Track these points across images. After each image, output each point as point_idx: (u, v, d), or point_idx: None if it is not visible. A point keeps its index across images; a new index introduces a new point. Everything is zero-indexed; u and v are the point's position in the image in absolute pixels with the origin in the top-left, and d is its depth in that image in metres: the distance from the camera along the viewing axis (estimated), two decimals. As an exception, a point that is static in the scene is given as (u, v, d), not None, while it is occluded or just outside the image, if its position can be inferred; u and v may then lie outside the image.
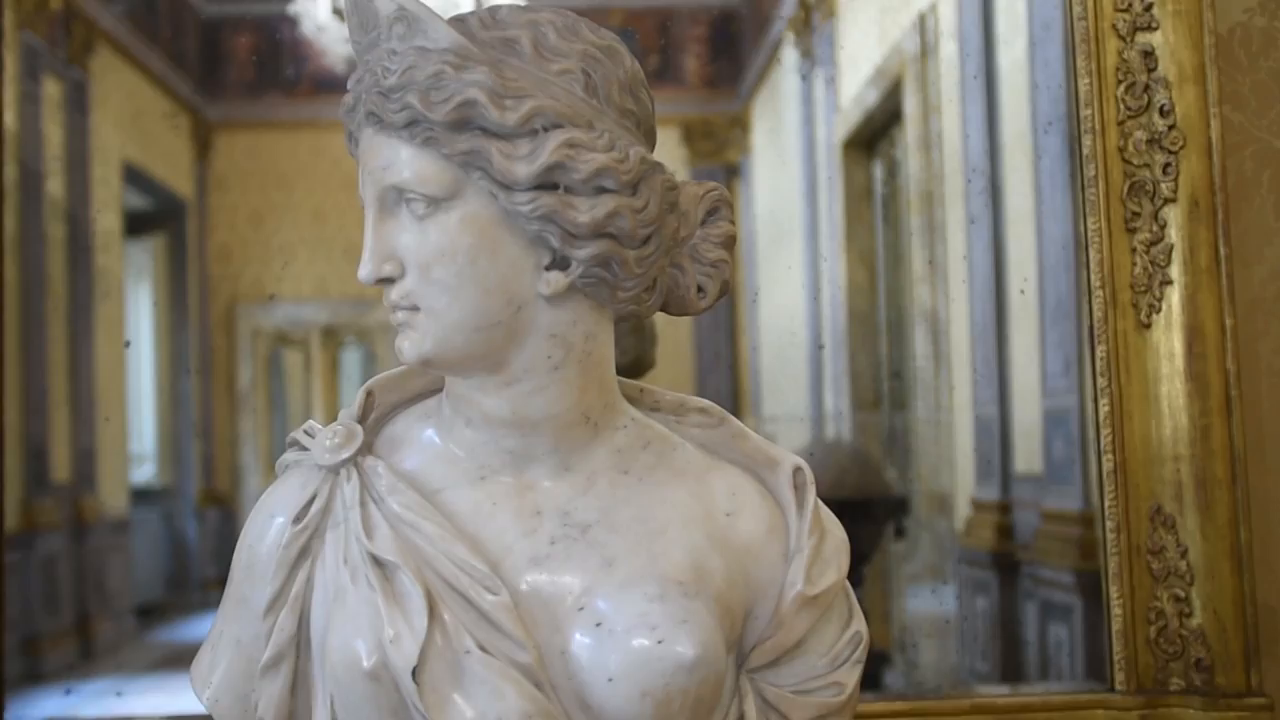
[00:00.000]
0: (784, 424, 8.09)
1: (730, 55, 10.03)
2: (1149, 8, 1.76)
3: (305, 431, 1.26)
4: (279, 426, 10.15)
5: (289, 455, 1.27)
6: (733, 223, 1.26)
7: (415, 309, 1.13)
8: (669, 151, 9.60)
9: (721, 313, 7.72)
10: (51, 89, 6.69)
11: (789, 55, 8.11)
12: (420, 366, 1.17)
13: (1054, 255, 4.43)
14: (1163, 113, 1.73)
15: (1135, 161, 1.76)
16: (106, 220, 7.56)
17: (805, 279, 7.69)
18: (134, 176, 7.98)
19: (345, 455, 1.20)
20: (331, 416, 1.32)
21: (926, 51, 5.74)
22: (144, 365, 8.83)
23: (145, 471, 8.80)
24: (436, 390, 1.27)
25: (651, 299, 1.19)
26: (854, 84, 6.64)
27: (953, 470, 5.73)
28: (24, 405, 6.47)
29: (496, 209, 1.10)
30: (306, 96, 9.73)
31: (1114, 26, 1.77)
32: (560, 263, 1.12)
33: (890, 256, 6.71)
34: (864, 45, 6.49)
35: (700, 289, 1.23)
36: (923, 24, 5.74)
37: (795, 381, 8.09)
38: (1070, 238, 1.86)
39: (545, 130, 1.08)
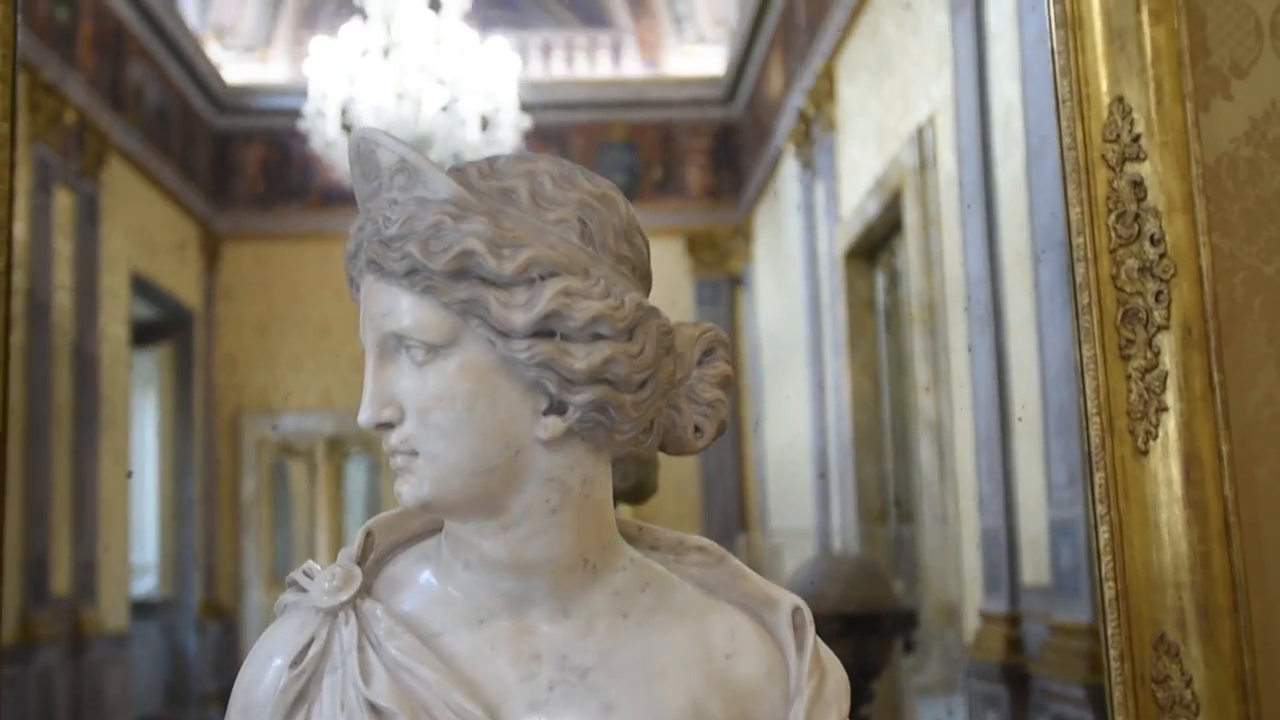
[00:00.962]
0: (790, 537, 8.04)
1: (732, 167, 10.20)
2: (1136, 139, 1.80)
3: (304, 572, 1.26)
4: (282, 538, 10.10)
5: (287, 596, 1.27)
6: (728, 363, 1.27)
7: (414, 454, 1.14)
8: (673, 261, 9.69)
9: (726, 426, 7.76)
10: (63, 201, 6.78)
11: (790, 167, 8.23)
12: (419, 510, 1.17)
13: (1055, 369, 4.45)
14: (1153, 241, 1.76)
15: (1128, 289, 1.78)
16: (114, 330, 7.62)
17: (809, 389, 7.71)
18: (142, 287, 8.07)
19: (344, 598, 1.20)
20: (335, 529, 1.32)
21: (925, 164, 5.82)
22: (147, 475, 8.82)
23: (146, 583, 8.74)
24: (436, 530, 1.27)
25: (649, 440, 1.20)
26: (854, 195, 6.72)
27: (960, 581, 5.67)
28: (26, 516, 6.45)
29: (494, 355, 1.12)
30: (315, 208, 9.87)
31: (1103, 157, 1.81)
32: (558, 407, 1.13)
33: (894, 367, 6.73)
34: (863, 158, 6.59)
35: (697, 429, 1.24)
36: (920, 138, 5.82)
37: (801, 494, 8.06)
38: (1073, 336, 1.88)
39: (542, 279, 1.10)
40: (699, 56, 9.96)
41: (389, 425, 1.16)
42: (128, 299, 7.80)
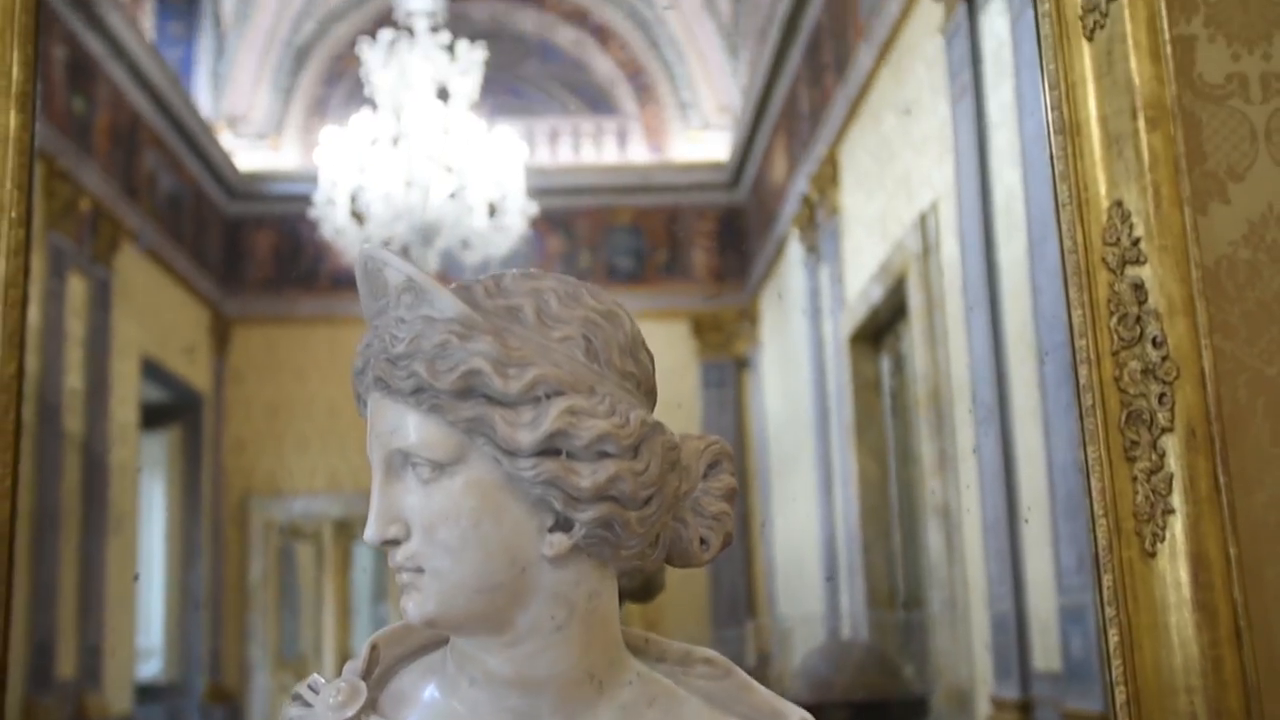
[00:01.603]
0: (799, 623, 7.97)
1: (737, 250, 10.28)
2: (1136, 243, 1.82)
3: (309, 687, 1.26)
4: (288, 621, 10.01)
5: (292, 711, 1.27)
6: (733, 475, 1.28)
7: (420, 570, 1.15)
8: (679, 344, 9.72)
9: (735, 513, 7.74)
10: (76, 286, 6.84)
11: (794, 251, 8.29)
12: (424, 627, 1.18)
13: (1062, 455, 4.44)
14: (1155, 344, 1.77)
15: (1131, 391, 1.78)
16: (123, 414, 7.63)
17: (816, 472, 7.69)
18: (152, 371, 8.10)
19: (349, 713, 1.20)
20: (342, 612, 1.32)
21: (928, 250, 5.86)
22: (154, 558, 8.78)
23: (151, 667, 8.65)
24: (441, 643, 1.27)
25: (655, 554, 1.20)
26: (859, 280, 6.76)
27: (971, 667, 5.61)
28: (31, 601, 6.42)
29: (500, 473, 1.13)
30: (324, 292, 9.94)
31: (1104, 260, 1.83)
32: (563, 524, 1.14)
33: (900, 450, 6.72)
34: (867, 243, 6.64)
35: (703, 541, 1.24)
36: (923, 224, 5.87)
37: (809, 579, 8.00)
38: (1078, 435, 1.88)
39: (548, 397, 1.12)
40: (704, 142, 10.09)
41: (395, 542, 1.17)
42: (138, 383, 7.83)
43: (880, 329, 6.80)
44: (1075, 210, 1.83)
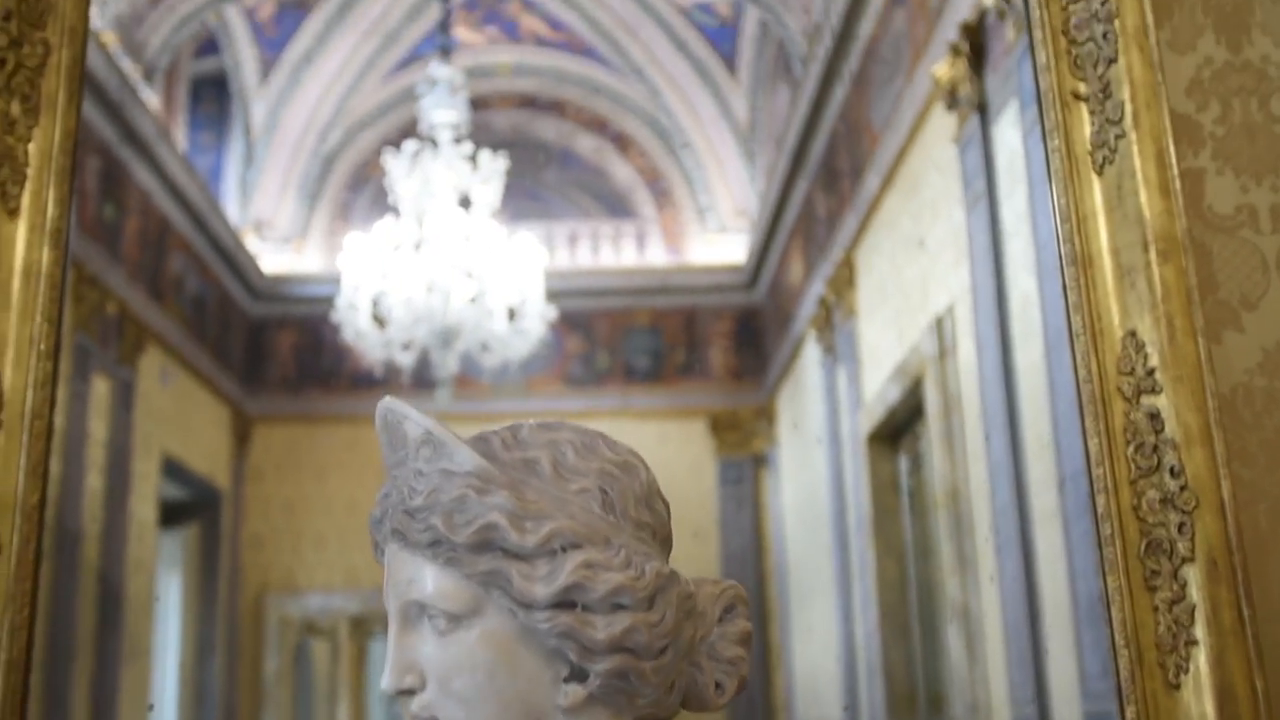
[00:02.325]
0: (817, 730, 7.84)
1: (754, 350, 10.33)
2: (1151, 372, 1.83)
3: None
4: (304, 718, 9.91)
5: None
6: (748, 619, 1.28)
7: (435, 720, 1.15)
8: (697, 443, 9.72)
9: (751, 618, 7.68)
10: (100, 387, 6.90)
11: (811, 351, 8.32)
12: None
13: (1083, 557, 4.40)
14: (1173, 473, 1.77)
15: (1150, 520, 1.78)
16: (143, 511, 7.64)
17: (834, 571, 7.62)
18: (173, 468, 8.13)
19: None
20: (357, 709, 1.32)
21: (945, 352, 5.87)
22: (169, 656, 8.72)
23: (165, 768, 8.57)
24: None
25: (670, 700, 1.20)
26: (876, 380, 6.77)
27: (994, 778, 5.50)
28: (45, 701, 6.37)
29: (515, 625, 1.13)
30: (344, 391, 10.01)
31: (1119, 389, 1.83)
32: (578, 675, 1.14)
33: (919, 549, 6.66)
34: (883, 343, 6.66)
35: (719, 686, 1.24)
36: (939, 326, 5.89)
37: (829, 682, 7.88)
38: (1097, 539, 1.87)
39: (563, 550, 1.13)
40: (721, 245, 10.20)
41: (410, 692, 1.17)
42: (158, 481, 7.86)
43: (898, 429, 6.78)
44: (1089, 340, 1.84)
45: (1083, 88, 1.91)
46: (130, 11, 7.37)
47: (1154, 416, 1.82)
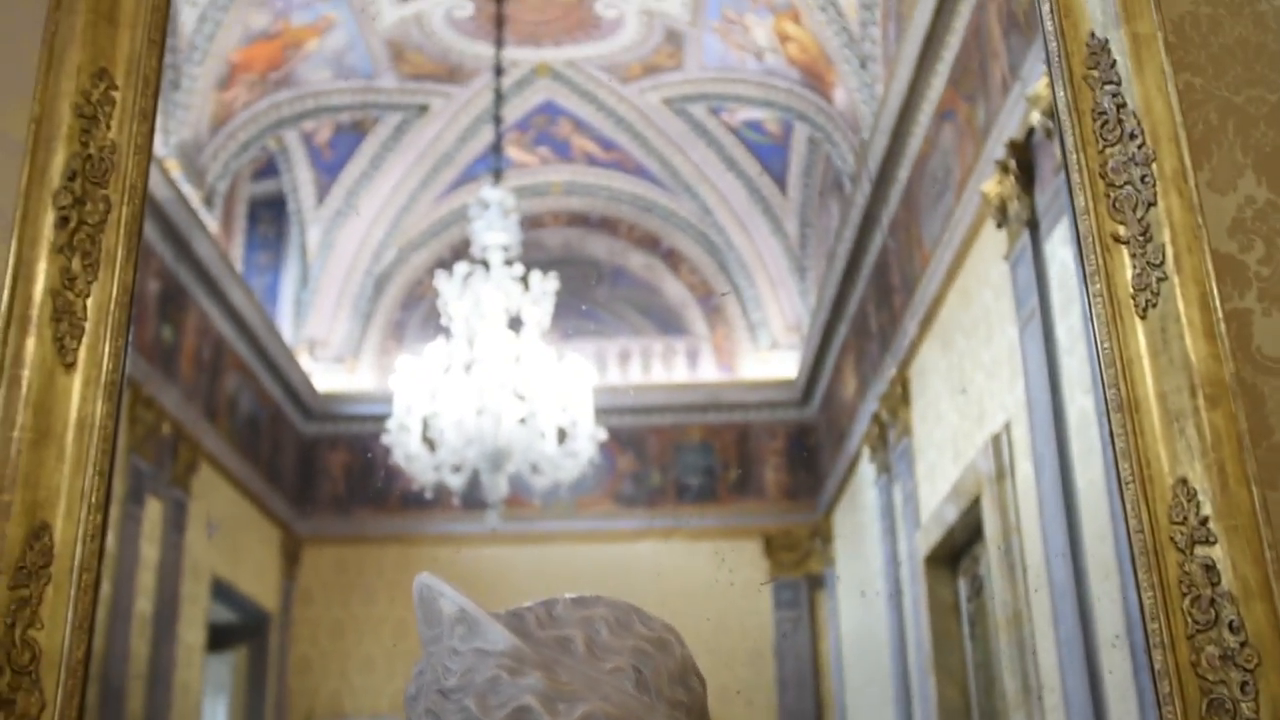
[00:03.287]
0: None
1: (808, 468, 10.24)
2: (1204, 522, 1.78)
3: None
4: None
5: None
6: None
7: None
8: (751, 563, 9.60)
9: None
10: (152, 509, 6.94)
11: (866, 470, 8.23)
12: None
13: (1153, 693, 4.25)
14: (1232, 629, 1.71)
15: (1211, 678, 1.72)
16: (191, 636, 7.61)
17: (894, 697, 7.42)
18: (222, 590, 8.12)
19: None
20: None
21: (1002, 472, 5.78)
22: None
23: None
24: None
25: None
26: (932, 500, 6.67)
27: None
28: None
29: (547, 808, 1.12)
30: (394, 512, 10.02)
31: (1172, 539, 1.79)
32: None
33: (981, 676, 6.48)
34: (940, 462, 6.58)
35: None
36: (996, 445, 5.81)
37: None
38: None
39: (597, 732, 1.11)
40: (773, 362, 10.19)
41: None
42: (207, 604, 7.85)
43: (957, 551, 6.66)
44: (1139, 489, 1.80)
45: (1123, 230, 1.90)
46: (193, 139, 7.61)
47: (1209, 568, 1.76)
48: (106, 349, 1.94)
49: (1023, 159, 5.18)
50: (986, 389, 5.96)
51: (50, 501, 1.88)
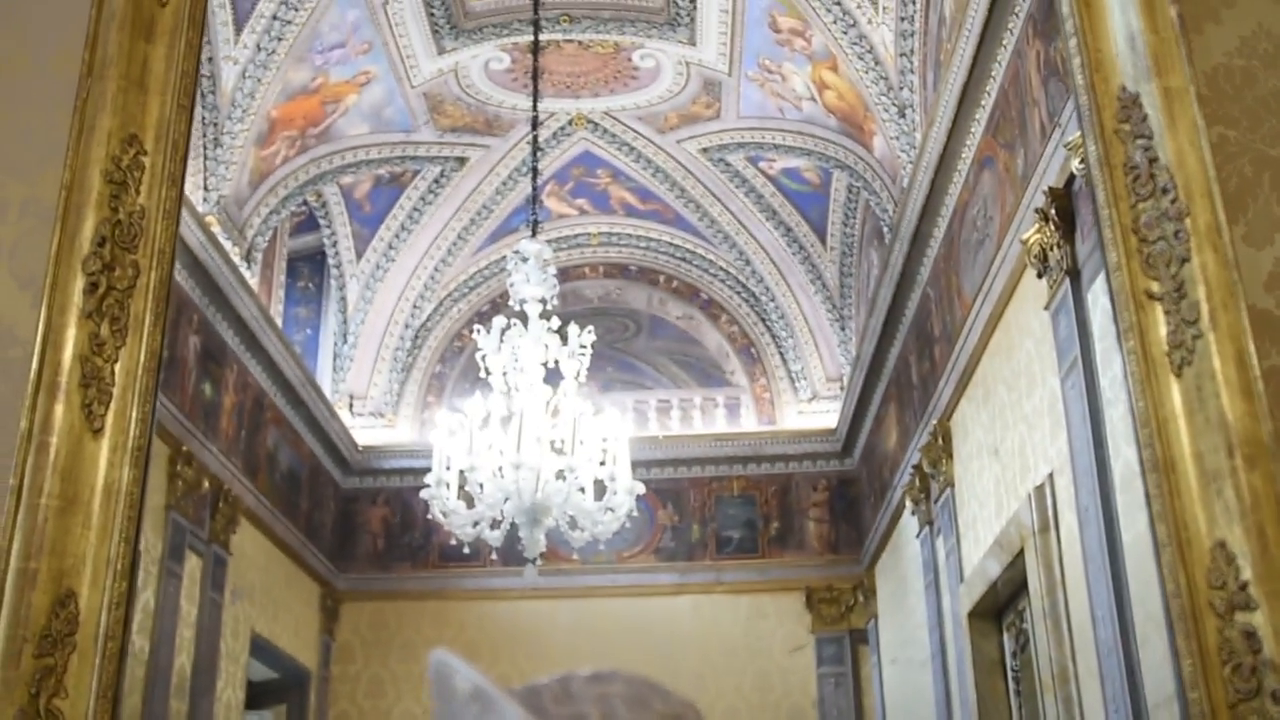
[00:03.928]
0: None
1: (850, 520, 10.11)
2: (1244, 586, 1.73)
3: None
4: None
5: None
6: None
7: None
8: (793, 618, 9.48)
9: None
10: (192, 565, 6.93)
11: (909, 522, 8.10)
12: None
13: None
14: (1275, 699, 1.65)
15: (1258, 749, 1.66)
16: (230, 694, 7.53)
17: (940, 755, 7.27)
18: (260, 647, 8.07)
19: None
20: None
21: (1046, 525, 5.67)
22: None
23: None
24: None
25: None
26: (976, 553, 6.55)
27: None
28: None
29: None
30: (433, 567, 9.98)
31: (1210, 604, 1.73)
32: None
33: (1028, 734, 6.34)
34: (982, 515, 6.47)
35: None
36: (1039, 497, 5.71)
37: None
38: None
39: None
40: (813, 413, 10.11)
41: None
42: (246, 661, 7.82)
43: (1000, 605, 6.53)
44: (1175, 552, 1.75)
45: (1156, 287, 1.86)
46: (233, 194, 7.71)
47: (1250, 635, 1.70)
48: (134, 414, 1.95)
49: (1063, 207, 5.11)
50: (1029, 440, 5.87)
51: (76, 569, 1.88)
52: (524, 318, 6.18)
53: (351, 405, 9.93)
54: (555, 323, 6.22)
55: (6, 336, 2.08)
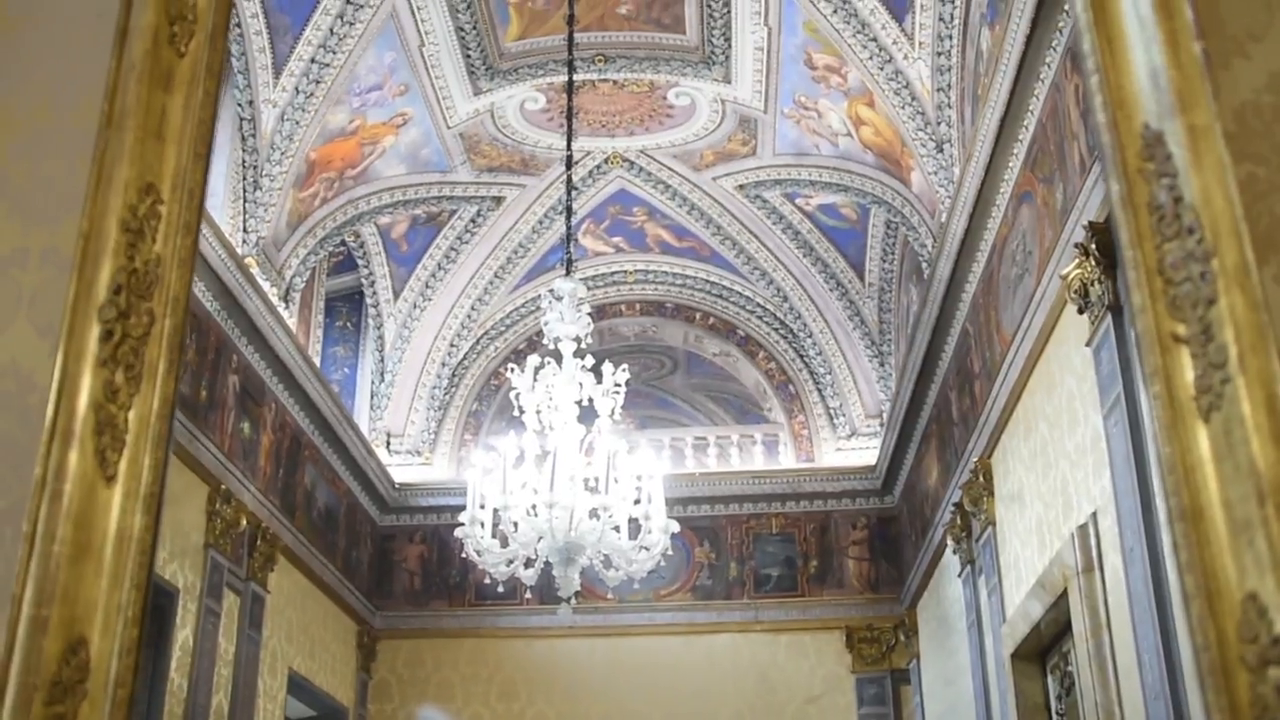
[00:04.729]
0: None
1: (891, 559, 9.95)
2: (1276, 641, 1.66)
3: None
4: None
5: None
6: None
7: None
8: (834, 657, 9.35)
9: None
10: (230, 603, 6.96)
11: (950, 561, 7.97)
12: None
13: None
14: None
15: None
16: (267, 733, 7.59)
17: (984, 801, 7.11)
18: (297, 685, 8.09)
19: None
20: None
21: (1090, 565, 5.56)
22: None
23: None
24: None
25: None
26: (1018, 593, 6.43)
27: None
28: None
29: None
30: (470, 605, 9.94)
31: (1242, 659, 1.67)
32: None
33: (1074, 780, 6.18)
34: (1025, 554, 6.35)
35: None
36: (1083, 536, 5.60)
37: None
38: None
39: None
40: (853, 450, 10.01)
41: None
42: (283, 699, 7.82)
43: (1045, 647, 6.41)
44: (1204, 604, 1.69)
45: (1182, 330, 1.81)
46: (271, 236, 7.78)
47: (1289, 697, 1.65)
48: (147, 461, 1.94)
49: (1103, 241, 5.03)
50: (1071, 478, 5.77)
51: (88, 616, 1.87)
52: (558, 356, 6.17)
53: (389, 443, 9.96)
54: (589, 361, 6.21)
55: (26, 383, 2.09)
